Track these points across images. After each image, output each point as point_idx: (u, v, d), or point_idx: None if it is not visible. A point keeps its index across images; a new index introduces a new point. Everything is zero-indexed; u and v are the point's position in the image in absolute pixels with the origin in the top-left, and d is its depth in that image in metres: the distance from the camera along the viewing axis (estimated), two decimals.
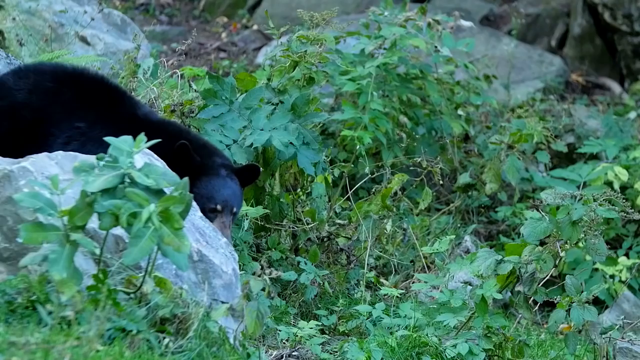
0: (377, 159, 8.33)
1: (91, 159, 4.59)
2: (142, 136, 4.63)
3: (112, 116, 5.79)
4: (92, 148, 5.65)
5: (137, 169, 4.53)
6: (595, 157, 9.51)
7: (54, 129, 5.73)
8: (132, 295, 4.64)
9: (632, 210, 6.96)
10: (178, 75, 7.73)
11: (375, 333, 6.39)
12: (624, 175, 8.45)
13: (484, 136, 9.11)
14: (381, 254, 7.55)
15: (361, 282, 7.14)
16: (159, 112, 7.19)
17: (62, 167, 5.01)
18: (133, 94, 7.31)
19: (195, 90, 7.45)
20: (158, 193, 4.54)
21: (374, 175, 7.80)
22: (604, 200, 6.94)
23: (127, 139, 4.61)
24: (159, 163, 5.29)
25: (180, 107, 7.09)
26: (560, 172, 9.02)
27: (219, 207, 5.73)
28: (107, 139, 4.60)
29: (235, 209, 5.81)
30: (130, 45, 8.36)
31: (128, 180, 4.50)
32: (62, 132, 5.73)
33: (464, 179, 8.67)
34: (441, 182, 8.03)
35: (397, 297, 6.98)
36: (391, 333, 6.35)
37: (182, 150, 5.67)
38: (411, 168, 7.96)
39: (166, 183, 4.57)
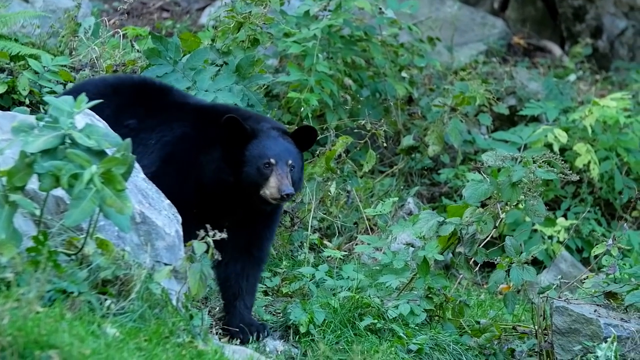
0: (321, 121, 8.32)
1: (30, 118, 4.53)
2: (82, 96, 4.57)
3: (160, 107, 5.86)
4: (146, 135, 5.74)
5: (78, 129, 4.48)
6: (536, 119, 9.62)
7: None
8: (73, 257, 4.61)
9: (571, 172, 7.07)
10: (120, 35, 7.63)
11: (318, 294, 6.44)
12: (563, 137, 8.56)
13: (427, 99, 9.15)
14: (325, 216, 7.59)
15: (305, 244, 7.17)
16: (101, 72, 7.11)
17: (0, 127, 4.94)
18: (74, 53, 7.22)
19: (138, 51, 7.37)
20: (100, 154, 4.50)
21: (318, 137, 7.80)
22: (543, 162, 7.04)
23: (67, 98, 4.55)
24: (101, 124, 5.24)
25: (123, 67, 7.02)
26: (502, 134, 9.11)
27: (272, 160, 5.70)
28: (46, 98, 4.54)
29: (292, 162, 5.76)
30: (70, 3, 8.21)
31: (69, 141, 4.45)
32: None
33: (407, 141, 8.72)
34: (385, 144, 8.07)
35: (340, 259, 7.03)
36: (334, 294, 6.40)
37: (231, 122, 5.67)
38: (355, 130, 7.98)
39: (108, 144, 4.53)
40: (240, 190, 5.70)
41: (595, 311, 6.20)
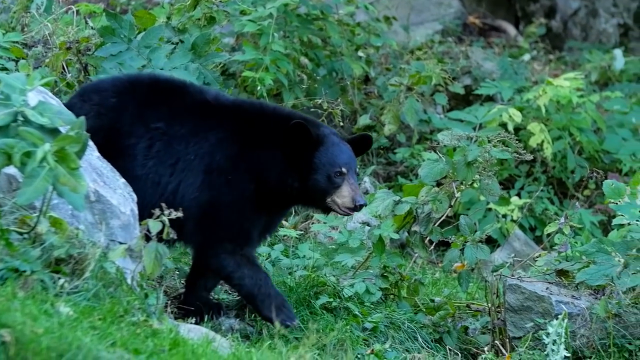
0: (278, 99, 8.31)
1: None
2: (35, 73, 4.52)
3: (186, 110, 5.75)
4: (180, 147, 5.65)
5: (31, 107, 4.43)
6: (490, 98, 9.69)
7: (132, 139, 5.67)
8: (25, 236, 4.57)
9: (525, 151, 7.14)
10: (74, 12, 7.54)
11: (274, 273, 6.45)
12: (517, 117, 8.63)
13: (383, 78, 9.17)
14: None
15: None
16: (54, 49, 7.02)
17: None
18: (26, 29, 7.12)
19: (92, 28, 7.29)
20: (53, 132, 4.45)
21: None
22: (498, 141, 7.10)
23: (19, 75, 4.50)
24: (54, 101, 5.18)
25: (77, 45, 6.93)
26: (457, 113, 9.16)
27: (343, 169, 5.68)
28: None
29: (357, 170, 5.83)
30: None
31: (21, 119, 4.40)
32: (141, 137, 5.68)
33: (363, 120, 8.74)
34: (341, 123, 8.08)
35: (296, 238, 7.04)
36: (290, 273, 6.42)
37: (299, 128, 5.62)
38: (312, 109, 7.97)
39: (62, 122, 4.48)
40: (304, 195, 5.69)
41: (547, 289, 6.28)
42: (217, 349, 4.61)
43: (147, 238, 4.89)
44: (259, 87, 7.83)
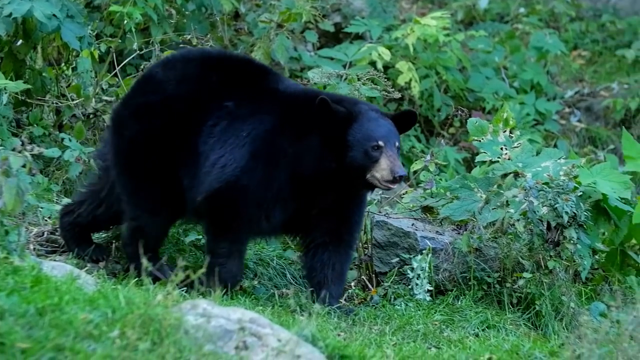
0: (145, 34, 8.13)
1: None
2: None
3: (256, 93, 5.63)
4: (239, 125, 5.54)
5: None
6: (360, 37, 9.74)
7: (204, 114, 5.59)
8: None
9: (393, 89, 7.24)
10: None
11: None
12: (386, 55, 8.71)
13: (253, 14, 9.09)
14: None
15: None
16: None
17: None
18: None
19: None
20: None
21: (142, 52, 7.64)
22: (367, 79, 7.17)
23: None
24: None
25: None
26: (328, 51, 9.17)
27: (380, 142, 5.52)
28: None
29: (397, 143, 5.62)
30: None
31: None
32: (211, 114, 5.58)
33: None
34: None
35: None
36: None
37: (323, 104, 5.47)
38: (181, 45, 7.83)
39: None
40: (343, 175, 5.54)
41: (412, 225, 6.43)
42: (82, 286, 4.54)
43: None
44: (125, 22, 7.62)
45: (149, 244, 5.53)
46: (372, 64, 8.61)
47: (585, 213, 5.95)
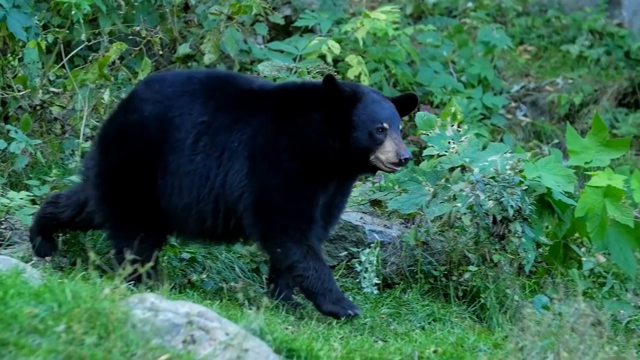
0: (94, 25, 8.06)
1: None
2: None
3: (230, 99, 5.58)
4: (224, 137, 5.48)
5: None
6: (310, 30, 9.75)
7: (182, 133, 5.53)
8: None
9: None
10: None
11: None
12: (336, 49, 8.73)
13: (203, 6, 9.03)
14: (98, 124, 7.42)
15: (76, 152, 7.01)
16: None
17: None
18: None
19: None
20: None
21: (90, 43, 7.58)
22: (317, 72, 7.20)
23: None
24: None
25: None
26: (278, 44, 9.16)
27: (385, 124, 5.47)
28: None
29: (400, 126, 5.58)
30: None
31: None
32: (189, 132, 5.51)
33: (183, 49, 8.61)
34: (161, 52, 7.95)
35: None
36: None
37: (330, 81, 5.44)
38: (130, 37, 7.79)
39: None
40: (346, 157, 5.48)
41: (361, 218, 6.48)
42: (28, 279, 4.50)
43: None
44: (73, 12, 7.55)
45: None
46: (322, 57, 8.62)
47: (530, 207, 6.03)
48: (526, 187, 6.10)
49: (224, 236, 5.60)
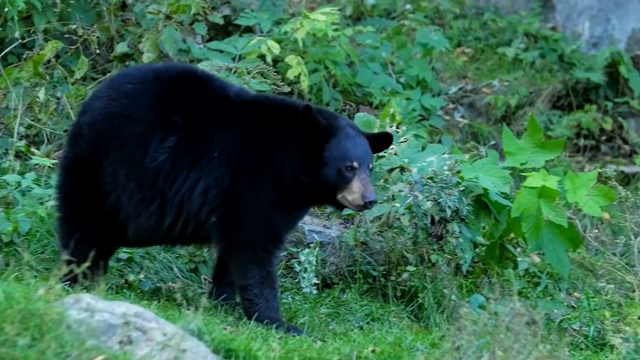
0: (28, 23, 7.94)
1: None
2: None
3: (206, 103, 5.40)
4: (202, 144, 5.31)
5: None
6: (250, 30, 9.72)
7: (144, 127, 5.34)
8: None
9: (282, 83, 7.28)
10: None
11: (24, 203, 6.25)
12: (276, 49, 8.71)
13: (141, 5, 8.95)
14: (33, 122, 7.32)
15: (10, 151, 6.91)
16: None
17: None
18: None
19: None
20: None
21: (25, 41, 7.48)
22: (257, 73, 7.20)
23: None
24: None
25: None
26: (217, 44, 9.11)
27: (355, 163, 5.35)
28: None
29: (370, 165, 5.45)
30: None
31: None
32: (156, 129, 5.32)
33: (121, 48, 8.53)
34: (98, 50, 7.87)
35: (49, 167, 6.84)
36: (41, 203, 6.25)
37: (307, 112, 5.31)
38: (66, 35, 7.70)
39: None
40: (315, 191, 5.39)
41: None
42: None
43: None
44: (7, 10, 7.44)
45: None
46: (262, 57, 8.60)
47: (467, 207, 6.10)
48: (463, 187, 6.16)
49: (178, 238, 5.52)
